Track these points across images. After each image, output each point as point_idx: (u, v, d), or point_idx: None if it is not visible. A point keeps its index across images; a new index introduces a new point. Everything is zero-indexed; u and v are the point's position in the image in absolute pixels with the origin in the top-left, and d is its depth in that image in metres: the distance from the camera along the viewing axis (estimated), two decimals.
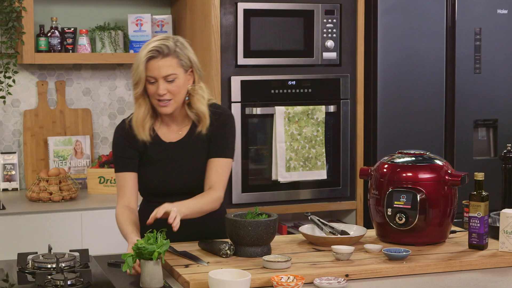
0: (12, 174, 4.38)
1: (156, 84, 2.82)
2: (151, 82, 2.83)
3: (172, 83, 2.82)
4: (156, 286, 2.45)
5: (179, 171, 2.94)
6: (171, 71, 2.81)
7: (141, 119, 2.89)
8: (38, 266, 2.61)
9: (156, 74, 2.81)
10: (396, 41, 4.38)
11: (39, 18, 4.36)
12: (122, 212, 2.87)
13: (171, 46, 2.82)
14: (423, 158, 2.96)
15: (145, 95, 2.88)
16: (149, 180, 2.96)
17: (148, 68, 2.80)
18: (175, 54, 2.83)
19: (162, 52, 2.80)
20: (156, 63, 2.80)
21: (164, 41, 2.83)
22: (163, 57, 2.81)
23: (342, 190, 4.39)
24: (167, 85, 2.82)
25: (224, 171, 2.94)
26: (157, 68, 2.80)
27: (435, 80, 4.47)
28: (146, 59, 2.80)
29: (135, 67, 2.83)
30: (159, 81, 2.81)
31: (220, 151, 2.94)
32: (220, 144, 2.94)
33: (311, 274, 2.52)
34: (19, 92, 4.44)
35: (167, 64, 2.81)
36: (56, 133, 4.47)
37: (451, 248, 2.87)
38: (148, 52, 2.80)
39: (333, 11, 4.29)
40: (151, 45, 2.81)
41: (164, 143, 2.95)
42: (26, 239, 3.77)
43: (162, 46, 2.81)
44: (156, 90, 2.82)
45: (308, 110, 4.22)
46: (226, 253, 2.73)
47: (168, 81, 2.82)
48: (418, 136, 4.44)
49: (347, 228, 3.02)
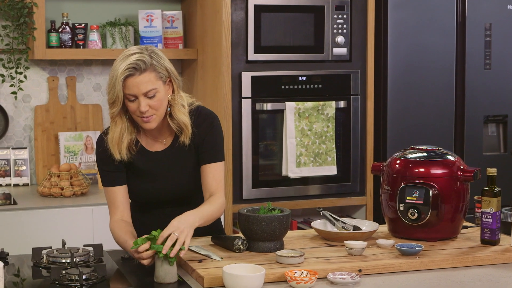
0: (23, 170, 4.40)
1: (136, 102, 2.69)
2: (130, 100, 2.69)
3: (153, 98, 2.69)
4: (170, 281, 2.46)
5: (167, 181, 2.87)
6: (151, 86, 2.68)
7: (116, 138, 2.77)
8: (52, 260, 2.62)
9: (136, 92, 2.67)
10: (406, 36, 4.39)
11: (50, 13, 4.37)
12: (117, 225, 2.80)
13: (147, 60, 2.67)
14: (435, 154, 2.96)
15: (122, 113, 2.76)
16: (138, 190, 2.89)
17: (127, 86, 2.66)
18: (152, 67, 2.68)
19: (139, 68, 2.65)
20: (134, 80, 2.66)
21: (139, 56, 2.67)
22: (140, 73, 2.66)
23: (352, 186, 4.40)
24: (148, 100, 2.69)
25: (221, 175, 2.87)
26: (136, 86, 2.66)
27: (445, 76, 4.47)
28: (123, 78, 2.65)
29: (110, 85, 2.69)
30: (140, 98, 2.68)
31: (212, 156, 2.85)
32: (210, 149, 2.85)
33: (324, 269, 2.53)
34: (30, 87, 4.45)
35: (146, 80, 2.67)
36: (66, 128, 4.48)
37: (463, 244, 2.87)
38: (125, 71, 2.64)
39: (343, 7, 4.30)
40: (126, 62, 2.65)
41: (149, 153, 2.87)
42: (37, 234, 3.78)
43: (138, 62, 2.65)
44: (137, 107, 2.69)
45: (319, 106, 4.23)
46: (239, 248, 2.73)
47: (149, 97, 2.69)
48: (428, 132, 4.45)
49: (359, 223, 3.03)
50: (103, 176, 2.88)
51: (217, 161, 2.86)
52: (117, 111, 2.72)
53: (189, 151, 2.87)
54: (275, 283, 2.46)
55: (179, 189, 2.89)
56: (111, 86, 2.68)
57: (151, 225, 2.74)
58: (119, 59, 2.69)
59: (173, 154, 2.87)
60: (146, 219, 2.91)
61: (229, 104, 4.12)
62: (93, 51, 4.33)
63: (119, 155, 2.78)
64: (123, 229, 2.77)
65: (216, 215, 2.80)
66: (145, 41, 4.41)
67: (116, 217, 2.84)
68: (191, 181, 2.89)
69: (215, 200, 2.81)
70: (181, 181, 2.88)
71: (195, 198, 2.92)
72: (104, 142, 2.83)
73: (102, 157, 2.85)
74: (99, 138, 2.88)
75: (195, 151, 2.88)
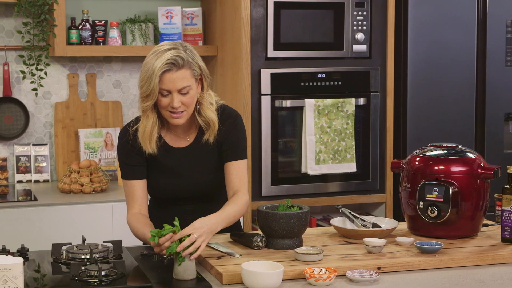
0: (43, 166, 4.42)
1: (169, 97, 2.71)
2: (163, 95, 2.71)
3: (186, 95, 2.72)
4: (189, 277, 2.46)
5: (188, 177, 2.87)
6: (186, 83, 2.70)
7: (148, 132, 2.78)
8: (72, 256, 2.63)
9: (171, 87, 2.69)
10: (426, 33, 4.36)
11: (70, 11, 4.39)
12: (135, 218, 2.82)
13: (185, 57, 2.69)
14: (456, 151, 2.95)
15: (153, 107, 2.77)
16: (159, 186, 2.89)
17: (162, 81, 2.68)
18: (189, 64, 2.71)
19: (177, 64, 2.68)
20: (172, 75, 2.68)
21: (176, 52, 2.69)
22: (177, 70, 2.68)
23: (371, 183, 4.38)
24: (181, 97, 2.71)
25: (244, 173, 2.87)
26: (172, 81, 2.68)
27: (465, 73, 4.45)
28: (161, 73, 2.67)
29: (145, 79, 2.69)
30: (173, 94, 2.70)
31: (236, 154, 2.86)
32: (234, 147, 2.86)
33: (343, 267, 2.52)
34: (50, 84, 4.48)
35: (182, 76, 2.69)
36: (86, 125, 4.50)
37: (484, 242, 2.85)
38: (164, 65, 2.66)
39: (363, 3, 4.28)
40: (164, 57, 2.67)
41: (172, 149, 2.88)
42: (57, 230, 3.80)
43: (176, 58, 2.67)
44: (169, 102, 2.71)
45: (338, 103, 4.22)
46: (258, 245, 2.73)
47: (182, 93, 2.71)
48: (448, 129, 4.42)
49: (379, 221, 3.02)
50: (124, 169, 2.89)
51: (240, 159, 2.87)
52: (151, 104, 2.73)
53: (212, 149, 2.88)
54: (293, 280, 2.46)
55: (200, 186, 2.89)
56: (146, 79, 2.69)
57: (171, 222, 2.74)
58: (154, 53, 2.70)
59: (196, 151, 2.88)
60: (166, 216, 2.90)
61: (249, 101, 4.12)
62: (113, 48, 4.34)
63: (149, 148, 2.79)
64: (141, 221, 2.79)
65: (239, 215, 2.81)
66: (164, 38, 4.41)
67: (134, 210, 2.85)
68: (212, 179, 2.90)
69: (239, 199, 2.81)
70: (203, 178, 2.89)
71: (216, 196, 2.93)
72: (128, 134, 2.85)
73: (124, 149, 2.87)
74: (122, 130, 2.89)
75: (217, 149, 2.88)
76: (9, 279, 2.16)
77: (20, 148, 4.41)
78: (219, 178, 2.89)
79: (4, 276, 2.16)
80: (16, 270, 2.17)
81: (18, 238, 3.60)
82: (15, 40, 4.38)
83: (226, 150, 2.87)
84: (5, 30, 4.38)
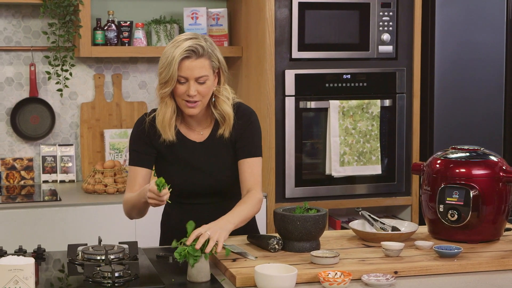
0: (69, 166, 4.44)
1: (186, 84, 2.73)
2: (181, 82, 2.74)
3: (203, 85, 2.74)
4: (203, 279, 2.44)
5: (203, 172, 2.87)
6: (204, 72, 2.73)
7: (168, 119, 2.80)
8: (87, 257, 2.63)
9: (188, 75, 2.72)
10: (454, 34, 4.30)
11: (96, 11, 4.41)
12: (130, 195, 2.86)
13: (205, 46, 2.73)
14: (477, 154, 2.90)
15: (171, 94, 2.79)
16: (174, 179, 2.86)
17: (181, 68, 2.71)
18: (208, 55, 2.74)
19: (197, 52, 2.71)
20: (191, 63, 2.71)
21: (198, 41, 2.73)
22: (197, 58, 2.72)
23: (397, 186, 4.33)
24: (197, 86, 2.73)
25: (258, 171, 2.87)
26: (190, 69, 2.71)
27: (494, 74, 4.38)
28: (180, 59, 2.70)
29: (165, 65, 2.72)
30: (190, 82, 2.73)
31: (250, 151, 2.87)
32: (248, 144, 2.87)
33: (359, 270, 2.49)
34: (76, 85, 4.50)
35: (200, 65, 2.72)
36: (112, 125, 4.52)
37: (505, 246, 2.80)
38: (184, 52, 2.69)
39: (389, 4, 4.24)
40: (185, 44, 2.70)
41: (188, 141, 2.88)
42: (80, 230, 3.82)
43: (197, 46, 2.71)
44: (185, 90, 2.74)
45: (363, 104, 4.18)
46: (274, 248, 2.71)
47: (199, 82, 2.74)
48: (476, 131, 4.36)
49: (398, 224, 2.98)
50: (132, 155, 2.91)
51: (255, 156, 2.88)
52: (169, 91, 2.75)
53: (226, 145, 2.88)
54: (308, 284, 2.43)
55: (213, 181, 2.88)
56: (165, 66, 2.72)
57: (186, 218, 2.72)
58: (174, 42, 2.74)
59: (211, 146, 2.88)
60: (181, 211, 2.92)
61: (273, 102, 4.10)
62: (138, 48, 4.35)
63: (169, 135, 2.81)
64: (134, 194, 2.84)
65: (252, 213, 2.80)
66: None
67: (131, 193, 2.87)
68: (229, 175, 2.89)
69: (252, 198, 2.80)
70: (215, 174, 2.88)
71: (230, 191, 2.92)
72: (144, 122, 2.86)
73: (137, 137, 2.89)
74: (140, 118, 2.92)
75: (231, 146, 2.89)
76: (20, 280, 2.16)
77: (46, 148, 4.44)
78: (233, 174, 2.89)
79: (15, 276, 2.16)
80: (27, 270, 2.18)
81: (41, 238, 3.62)
82: (42, 41, 4.40)
83: (240, 147, 2.87)
84: (32, 31, 4.41)
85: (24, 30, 4.41)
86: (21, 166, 4.41)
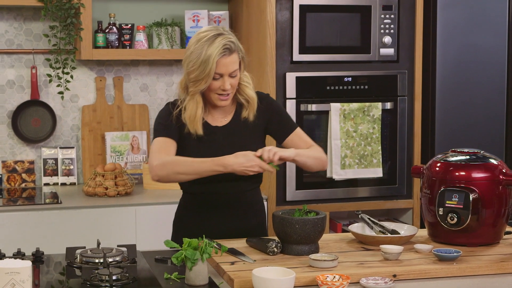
0: (71, 169, 4.44)
1: (220, 80, 2.84)
2: (215, 78, 2.84)
3: (235, 77, 2.87)
4: (201, 283, 2.43)
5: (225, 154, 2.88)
6: (236, 66, 2.86)
7: (198, 115, 2.89)
8: (85, 260, 2.63)
9: (224, 71, 2.83)
10: (456, 37, 4.29)
11: (97, 14, 4.41)
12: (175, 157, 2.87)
13: (234, 41, 2.86)
14: (477, 157, 2.89)
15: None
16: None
17: (217, 66, 2.81)
18: (237, 49, 2.86)
19: (231, 49, 2.82)
20: (226, 60, 2.82)
21: (228, 37, 2.83)
22: (230, 54, 2.83)
23: (398, 188, 4.32)
24: (230, 80, 2.85)
25: (307, 137, 3.01)
26: (225, 65, 2.82)
27: (496, 77, 4.36)
28: (218, 58, 2.79)
29: (198, 63, 2.81)
30: (225, 77, 2.84)
31: (290, 126, 3.00)
32: (284, 121, 3.00)
33: (358, 274, 2.48)
34: (77, 87, 4.50)
35: (233, 60, 2.84)
36: (113, 128, 4.51)
37: (505, 250, 2.79)
38: (222, 50, 2.79)
39: (391, 7, 4.23)
40: (219, 42, 2.80)
41: (210, 126, 2.95)
42: (80, 233, 3.81)
43: (229, 43, 2.82)
44: (220, 85, 2.84)
45: (364, 107, 4.17)
46: (273, 251, 2.70)
47: (232, 76, 2.86)
48: (478, 134, 4.34)
49: (398, 227, 2.97)
50: (158, 128, 2.93)
51: (294, 127, 3.02)
52: (204, 88, 2.85)
53: (250, 129, 2.97)
54: (306, 287, 2.42)
55: None
56: (199, 64, 2.80)
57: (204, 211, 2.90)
58: (203, 39, 2.81)
59: (232, 131, 2.96)
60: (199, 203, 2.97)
61: None
62: (139, 51, 4.35)
63: (197, 129, 2.89)
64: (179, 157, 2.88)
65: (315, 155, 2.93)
66: None
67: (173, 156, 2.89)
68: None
69: (314, 148, 2.97)
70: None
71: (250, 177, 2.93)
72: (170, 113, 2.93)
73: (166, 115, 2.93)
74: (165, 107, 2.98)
75: (257, 130, 2.98)
76: (17, 283, 2.16)
77: (47, 151, 4.44)
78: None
79: (11, 279, 2.16)
80: (24, 274, 2.17)
81: (41, 241, 3.61)
82: (43, 44, 4.40)
83: (277, 129, 3.00)
84: (33, 33, 4.41)
85: (26, 33, 4.41)
86: (22, 169, 4.41)
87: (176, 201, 4.05)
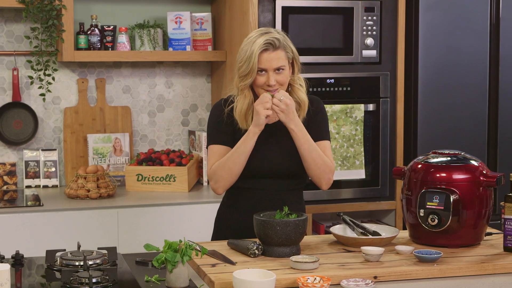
0: (52, 171, 4.42)
1: (265, 75, 2.95)
2: (260, 74, 2.95)
3: (281, 74, 2.96)
4: (182, 285, 2.43)
5: (272, 153, 3.02)
6: (281, 63, 2.95)
7: (245, 110, 3.00)
8: (65, 263, 2.62)
9: (267, 66, 2.94)
10: (437, 38, 4.30)
11: (79, 16, 4.39)
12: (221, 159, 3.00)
13: (281, 39, 2.96)
14: (458, 159, 2.89)
15: (250, 86, 3.00)
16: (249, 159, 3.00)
17: (260, 61, 2.93)
18: (283, 47, 2.96)
19: (274, 45, 2.94)
20: (268, 55, 2.93)
21: (273, 35, 2.95)
22: (274, 50, 2.94)
23: (381, 190, 4.33)
24: (276, 76, 2.95)
25: (330, 152, 3.07)
26: (268, 61, 2.93)
27: (478, 79, 4.37)
28: (259, 52, 2.92)
29: (244, 59, 2.95)
30: (269, 73, 2.95)
31: (322, 135, 3.07)
32: (321, 129, 3.08)
33: (338, 276, 2.48)
34: (59, 89, 4.48)
35: (277, 56, 2.94)
36: (95, 130, 4.50)
37: (485, 251, 2.79)
38: (263, 45, 2.92)
39: (373, 8, 4.24)
40: (262, 39, 2.93)
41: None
42: (62, 236, 3.79)
43: (273, 39, 2.94)
44: (265, 81, 2.96)
45: (347, 109, 4.17)
46: (254, 253, 2.70)
47: (277, 72, 2.95)
48: (460, 136, 4.35)
49: (379, 229, 2.97)
50: (212, 134, 3.08)
51: (327, 139, 3.09)
52: (250, 83, 2.97)
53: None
54: None
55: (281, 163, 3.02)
56: (245, 59, 2.95)
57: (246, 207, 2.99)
58: (250, 38, 2.98)
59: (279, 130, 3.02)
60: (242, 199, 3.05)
61: None
62: (122, 53, 4.33)
63: (246, 125, 3.00)
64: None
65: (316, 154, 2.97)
66: (173, 43, 4.40)
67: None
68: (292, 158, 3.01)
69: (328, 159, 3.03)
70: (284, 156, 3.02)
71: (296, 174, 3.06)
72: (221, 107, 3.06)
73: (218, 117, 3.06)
74: (218, 103, 3.11)
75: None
76: None
77: (29, 153, 4.42)
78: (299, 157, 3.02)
79: None
80: (2, 277, 2.16)
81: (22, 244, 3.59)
82: (24, 46, 4.38)
83: (313, 131, 3.03)
84: (15, 35, 4.39)
85: (7, 35, 4.39)
86: (4, 171, 4.38)
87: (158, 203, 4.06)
